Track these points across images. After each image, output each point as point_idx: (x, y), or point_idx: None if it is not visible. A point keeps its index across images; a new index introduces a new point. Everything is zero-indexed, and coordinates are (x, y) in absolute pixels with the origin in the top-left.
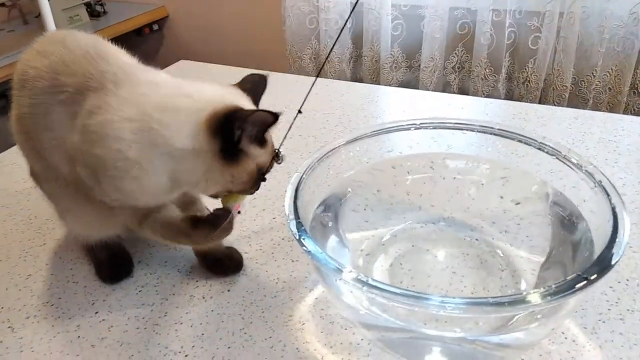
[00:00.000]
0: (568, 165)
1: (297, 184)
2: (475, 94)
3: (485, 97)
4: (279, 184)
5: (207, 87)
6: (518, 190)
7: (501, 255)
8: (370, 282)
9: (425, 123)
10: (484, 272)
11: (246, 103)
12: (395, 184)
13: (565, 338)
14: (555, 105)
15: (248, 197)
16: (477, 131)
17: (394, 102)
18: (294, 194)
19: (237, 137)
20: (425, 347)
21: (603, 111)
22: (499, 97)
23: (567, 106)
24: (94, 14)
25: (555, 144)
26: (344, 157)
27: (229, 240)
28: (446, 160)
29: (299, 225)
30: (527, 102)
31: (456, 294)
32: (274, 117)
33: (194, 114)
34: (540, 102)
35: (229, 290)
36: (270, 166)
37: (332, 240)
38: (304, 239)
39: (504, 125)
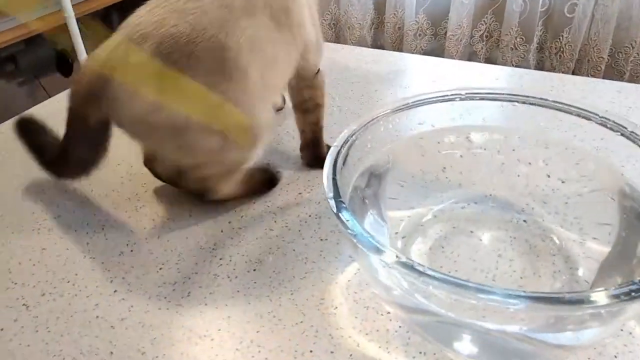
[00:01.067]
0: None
1: (336, 157)
2: (503, 65)
3: (514, 67)
4: (299, 155)
5: None
6: (570, 168)
7: (552, 238)
8: (423, 269)
9: (471, 93)
10: (534, 257)
11: None
12: (431, 159)
13: (622, 330)
14: (589, 77)
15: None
16: (523, 102)
17: (422, 72)
18: (333, 169)
19: None
20: (472, 339)
21: None
22: (529, 68)
23: (603, 78)
24: None
25: (618, 117)
26: (382, 129)
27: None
28: (487, 135)
29: (339, 202)
30: (559, 73)
31: (504, 279)
32: None
33: None
34: (574, 73)
35: (254, 270)
36: None
37: (370, 218)
38: (346, 220)
39: (551, 96)
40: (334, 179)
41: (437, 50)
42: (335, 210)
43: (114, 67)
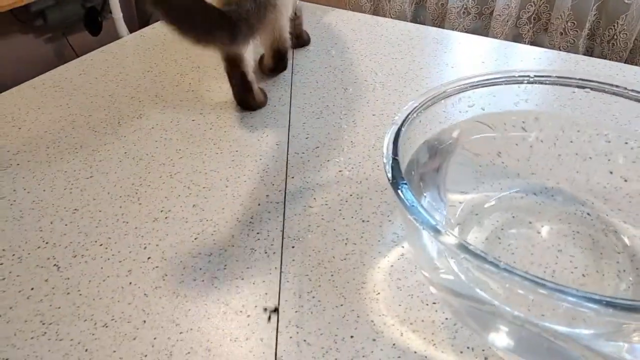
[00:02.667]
0: None
1: (396, 135)
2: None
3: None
4: (339, 131)
5: None
6: (632, 165)
7: (617, 234)
8: (490, 259)
9: (541, 77)
10: (597, 253)
11: None
12: (489, 144)
13: None
14: None
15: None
16: (592, 89)
17: (469, 51)
18: (394, 146)
19: None
20: (530, 339)
21: None
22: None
23: None
24: None
25: None
26: (444, 108)
27: None
28: (546, 121)
29: (401, 182)
30: (620, 62)
31: (564, 276)
32: None
33: None
34: (626, 63)
35: (293, 247)
36: None
37: (425, 198)
38: (407, 200)
39: (624, 83)
40: (395, 159)
41: (480, 30)
42: (398, 191)
43: None
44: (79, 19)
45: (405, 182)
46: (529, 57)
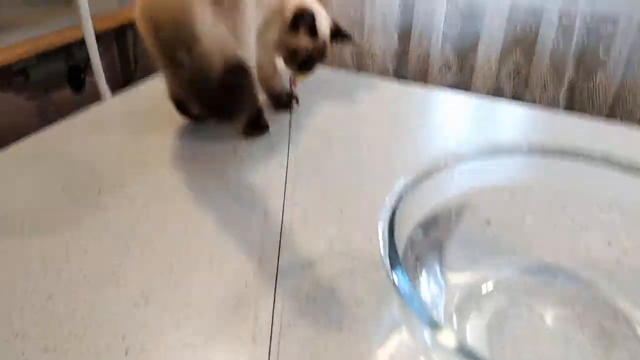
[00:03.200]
0: None
1: (392, 216)
2: (532, 103)
3: (543, 107)
4: (328, 198)
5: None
6: (630, 234)
7: (626, 319)
8: None
9: (532, 149)
10: (607, 342)
11: (321, 19)
12: (480, 221)
13: None
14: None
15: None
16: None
17: (457, 109)
18: (389, 228)
19: (298, 22)
20: None
21: None
22: (558, 108)
23: (638, 125)
24: None
25: None
26: (430, 186)
27: None
28: (538, 193)
29: (399, 270)
30: (591, 116)
31: None
32: (313, 29)
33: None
34: (606, 118)
35: (283, 335)
36: (312, 54)
37: (423, 280)
38: (404, 289)
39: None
40: (392, 240)
41: (462, 84)
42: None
43: None
44: (62, 77)
45: (402, 268)
46: (515, 115)
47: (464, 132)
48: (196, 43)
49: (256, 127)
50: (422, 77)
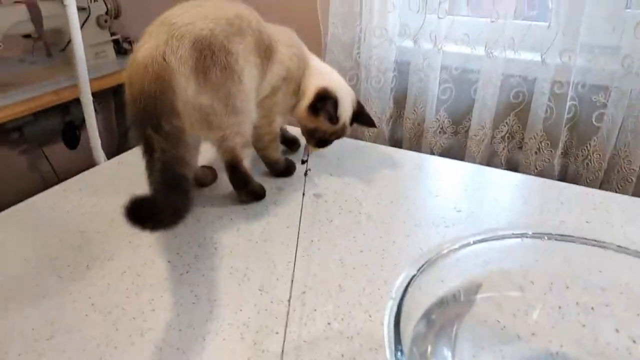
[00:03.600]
0: None
1: (398, 311)
2: (526, 168)
3: (538, 172)
4: (326, 272)
5: (336, 78)
6: (638, 322)
7: None
8: None
9: (536, 234)
10: None
11: (345, 101)
12: (484, 307)
13: None
14: (618, 189)
15: None
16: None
17: (452, 177)
18: (395, 326)
19: (318, 106)
20: None
21: None
22: (553, 173)
23: (633, 191)
24: (120, 51)
25: None
26: (434, 276)
27: None
28: (542, 276)
29: None
30: (586, 181)
31: None
32: (332, 118)
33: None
34: (602, 183)
35: None
36: (330, 136)
37: None
38: None
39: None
40: (397, 337)
41: (457, 147)
42: None
43: (170, 57)
44: (57, 133)
45: None
46: (510, 183)
47: (461, 200)
48: (173, 116)
49: (251, 194)
50: (417, 140)
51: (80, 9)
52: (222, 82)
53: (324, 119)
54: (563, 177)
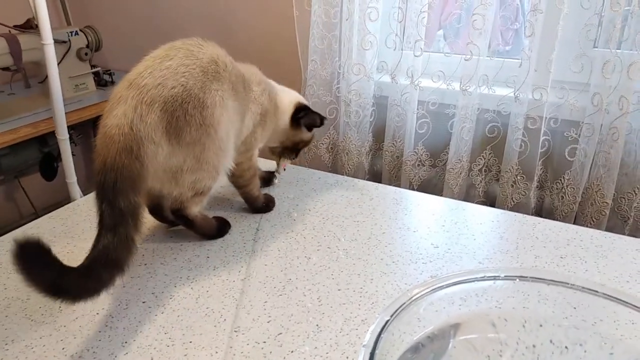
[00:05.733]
0: None
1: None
2: (504, 200)
3: (515, 204)
4: (303, 312)
5: (298, 96)
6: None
7: None
8: None
9: (509, 276)
10: None
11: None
12: (461, 350)
13: None
14: (592, 222)
15: None
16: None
17: (430, 212)
18: None
19: (299, 117)
20: None
21: None
22: (529, 206)
23: (607, 224)
24: (101, 83)
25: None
26: (408, 320)
27: None
28: (515, 316)
29: None
30: (561, 214)
31: None
32: (321, 121)
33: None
34: (577, 216)
35: None
36: (303, 145)
37: None
38: None
39: (590, 282)
40: None
41: (435, 179)
42: None
43: (139, 126)
44: (34, 164)
45: None
46: (487, 219)
47: (438, 236)
48: (132, 193)
49: (205, 236)
50: (396, 172)
51: (61, 42)
52: (197, 139)
53: (303, 129)
54: (539, 209)
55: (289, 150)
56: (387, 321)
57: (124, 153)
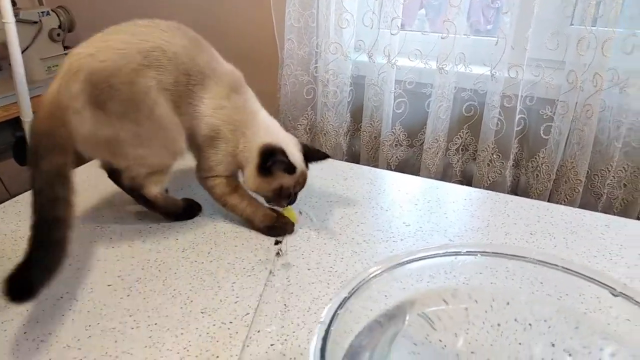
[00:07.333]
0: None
1: (324, 337)
2: (480, 179)
3: (491, 183)
4: (272, 292)
5: (276, 130)
6: (571, 334)
7: None
8: None
9: (471, 251)
10: None
11: (291, 149)
12: (422, 325)
13: None
14: (566, 199)
15: None
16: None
17: (404, 191)
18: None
19: (269, 164)
20: None
21: (617, 208)
22: (505, 184)
23: (580, 201)
24: None
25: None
26: (369, 294)
27: None
28: (480, 293)
29: None
30: (536, 192)
31: None
32: (290, 167)
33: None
34: (551, 193)
35: None
36: (294, 189)
37: None
38: None
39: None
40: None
41: (413, 159)
42: None
43: (64, 94)
44: (7, 148)
45: None
46: (460, 198)
47: (410, 215)
48: (54, 154)
49: (168, 216)
50: (374, 153)
51: (32, 22)
52: (124, 113)
53: (281, 173)
54: (515, 187)
55: (275, 198)
56: (345, 298)
57: (49, 119)
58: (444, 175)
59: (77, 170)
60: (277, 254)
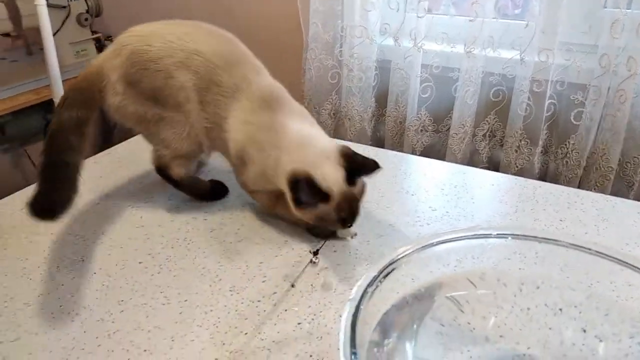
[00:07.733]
0: None
1: (355, 314)
2: (507, 166)
3: (518, 169)
4: (299, 271)
5: (307, 147)
6: (602, 320)
7: None
8: None
9: (502, 234)
10: None
11: (325, 170)
12: (451, 308)
13: None
14: (597, 187)
15: None
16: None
17: (430, 176)
18: (352, 332)
19: (299, 196)
20: None
21: None
22: (533, 171)
23: (611, 189)
24: (102, 49)
25: None
26: (397, 276)
27: None
28: (510, 276)
29: None
30: (566, 179)
31: None
32: (319, 195)
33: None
34: (581, 181)
35: None
36: (339, 213)
37: None
38: None
39: (590, 243)
40: (353, 347)
41: (438, 145)
42: None
43: (107, 63)
44: (38, 131)
45: None
46: (487, 182)
47: (436, 199)
48: (80, 108)
49: (196, 196)
50: (399, 138)
51: (60, 7)
52: (152, 98)
53: (314, 202)
54: (543, 175)
55: (325, 225)
56: (375, 277)
57: (88, 80)
58: (470, 161)
59: (107, 151)
60: (311, 261)
